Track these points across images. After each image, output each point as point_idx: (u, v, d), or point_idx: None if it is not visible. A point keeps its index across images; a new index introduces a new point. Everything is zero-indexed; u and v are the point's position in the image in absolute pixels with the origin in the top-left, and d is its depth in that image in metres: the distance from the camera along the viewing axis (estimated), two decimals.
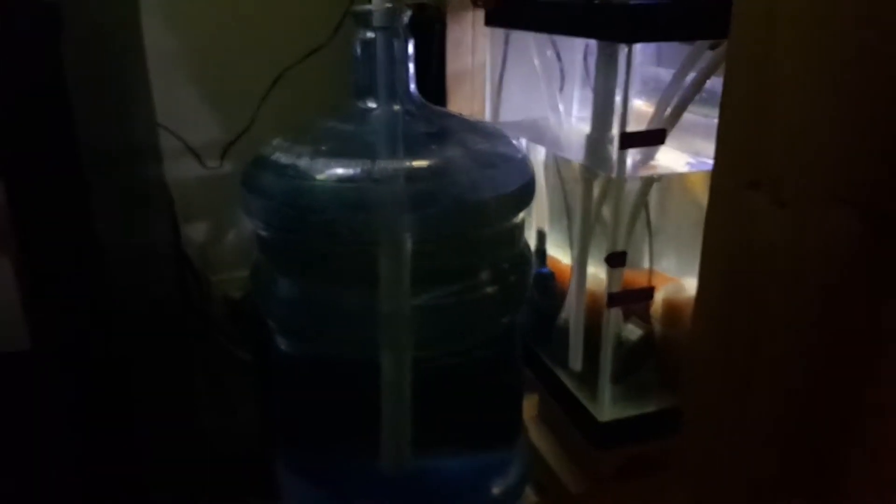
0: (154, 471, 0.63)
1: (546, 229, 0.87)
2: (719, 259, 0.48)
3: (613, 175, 0.65)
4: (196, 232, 1.05)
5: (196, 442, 0.95)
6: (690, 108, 0.67)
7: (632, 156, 0.67)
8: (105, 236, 0.53)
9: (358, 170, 0.58)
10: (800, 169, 0.41)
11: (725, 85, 0.46)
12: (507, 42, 0.86)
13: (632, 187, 0.70)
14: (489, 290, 0.65)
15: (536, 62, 0.82)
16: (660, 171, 0.68)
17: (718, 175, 0.47)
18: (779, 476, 0.44)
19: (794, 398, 0.43)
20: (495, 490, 0.72)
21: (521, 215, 0.68)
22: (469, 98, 0.96)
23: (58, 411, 0.55)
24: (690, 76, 0.67)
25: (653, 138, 0.64)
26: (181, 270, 0.99)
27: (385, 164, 0.59)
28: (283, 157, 0.62)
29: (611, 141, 0.65)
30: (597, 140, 0.68)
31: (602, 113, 0.67)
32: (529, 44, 0.82)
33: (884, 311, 0.36)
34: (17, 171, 0.48)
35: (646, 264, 0.78)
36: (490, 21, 0.86)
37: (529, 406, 0.88)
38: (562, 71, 0.82)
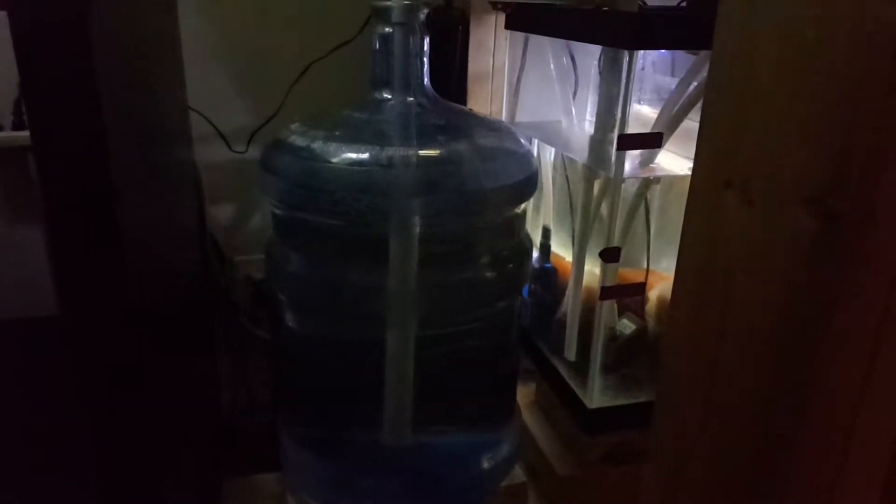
0: (175, 444, 0.66)
1: (552, 227, 0.90)
2: (695, 251, 0.51)
3: (611, 175, 0.68)
4: (222, 213, 1.11)
5: (216, 417, 0.99)
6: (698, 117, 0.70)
7: (631, 158, 0.70)
8: (131, 212, 0.56)
9: (368, 155, 0.62)
10: (766, 171, 0.44)
11: (707, 92, 0.50)
12: (525, 46, 0.90)
13: (630, 188, 0.73)
14: (488, 274, 0.69)
15: (553, 67, 0.86)
16: (658, 172, 0.71)
17: (697, 174, 0.51)
18: (743, 463, 0.47)
19: (752, 387, 0.46)
20: (486, 466, 0.75)
21: (522, 207, 0.72)
22: (488, 98, 1.00)
23: (82, 379, 0.58)
24: (693, 85, 0.70)
25: (650, 141, 0.67)
26: (205, 250, 1.04)
27: (394, 151, 0.63)
28: (298, 140, 0.66)
29: (611, 142, 0.68)
30: (599, 141, 0.71)
31: (605, 116, 0.70)
32: (546, 49, 0.86)
33: (836, 298, 0.40)
34: (44, 146, 0.51)
35: (645, 264, 0.81)
36: (510, 25, 0.90)
37: (528, 394, 0.92)
38: (576, 77, 0.86)
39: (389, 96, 0.68)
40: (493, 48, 0.97)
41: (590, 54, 0.85)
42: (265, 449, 0.88)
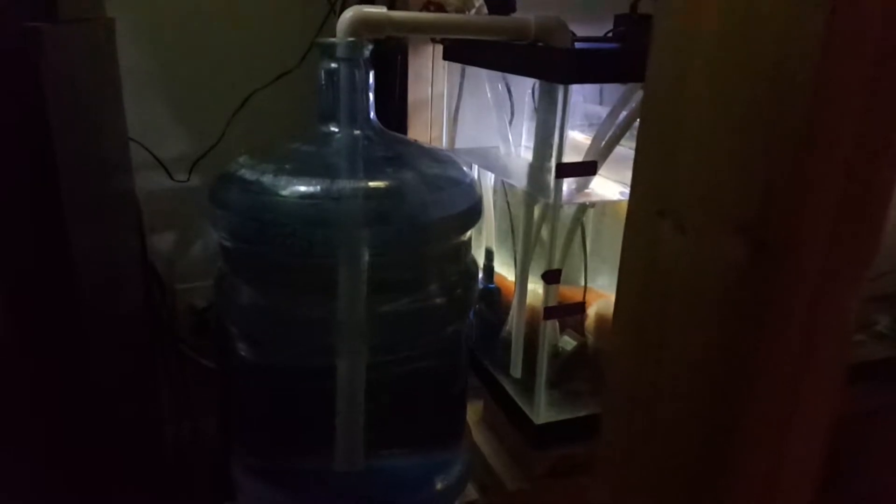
0: (118, 476, 0.66)
1: (494, 248, 0.94)
2: (633, 277, 0.55)
3: (550, 201, 0.72)
4: (163, 242, 1.09)
5: (160, 447, 0.98)
6: (627, 143, 0.75)
7: (567, 184, 0.74)
8: (75, 243, 0.57)
9: (318, 188, 0.64)
10: (698, 201, 0.48)
11: (641, 126, 0.53)
12: (463, 76, 0.94)
13: (568, 212, 0.77)
14: (437, 300, 0.72)
15: (489, 96, 0.89)
16: (593, 198, 0.76)
17: (633, 203, 0.54)
18: (682, 473, 0.51)
19: (691, 401, 0.50)
20: (439, 486, 0.78)
21: (468, 234, 0.75)
22: (428, 125, 1.03)
23: (23, 415, 0.58)
24: (623, 114, 0.75)
25: (585, 169, 0.72)
26: (147, 279, 1.03)
27: (344, 184, 0.65)
28: (248, 174, 0.67)
29: (549, 170, 0.72)
30: (537, 169, 0.75)
31: (543, 145, 0.74)
32: (483, 78, 0.89)
33: (763, 321, 0.44)
34: None
35: (583, 282, 0.86)
36: (447, 56, 0.94)
37: (475, 411, 0.94)
38: (512, 105, 0.90)
39: (336, 129, 0.70)
40: (431, 77, 1.00)
41: (525, 82, 0.89)
42: (213, 479, 0.87)
